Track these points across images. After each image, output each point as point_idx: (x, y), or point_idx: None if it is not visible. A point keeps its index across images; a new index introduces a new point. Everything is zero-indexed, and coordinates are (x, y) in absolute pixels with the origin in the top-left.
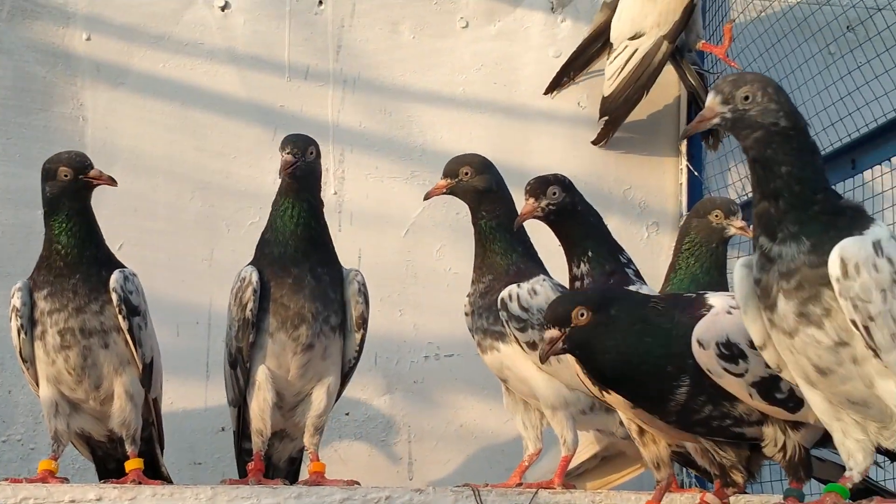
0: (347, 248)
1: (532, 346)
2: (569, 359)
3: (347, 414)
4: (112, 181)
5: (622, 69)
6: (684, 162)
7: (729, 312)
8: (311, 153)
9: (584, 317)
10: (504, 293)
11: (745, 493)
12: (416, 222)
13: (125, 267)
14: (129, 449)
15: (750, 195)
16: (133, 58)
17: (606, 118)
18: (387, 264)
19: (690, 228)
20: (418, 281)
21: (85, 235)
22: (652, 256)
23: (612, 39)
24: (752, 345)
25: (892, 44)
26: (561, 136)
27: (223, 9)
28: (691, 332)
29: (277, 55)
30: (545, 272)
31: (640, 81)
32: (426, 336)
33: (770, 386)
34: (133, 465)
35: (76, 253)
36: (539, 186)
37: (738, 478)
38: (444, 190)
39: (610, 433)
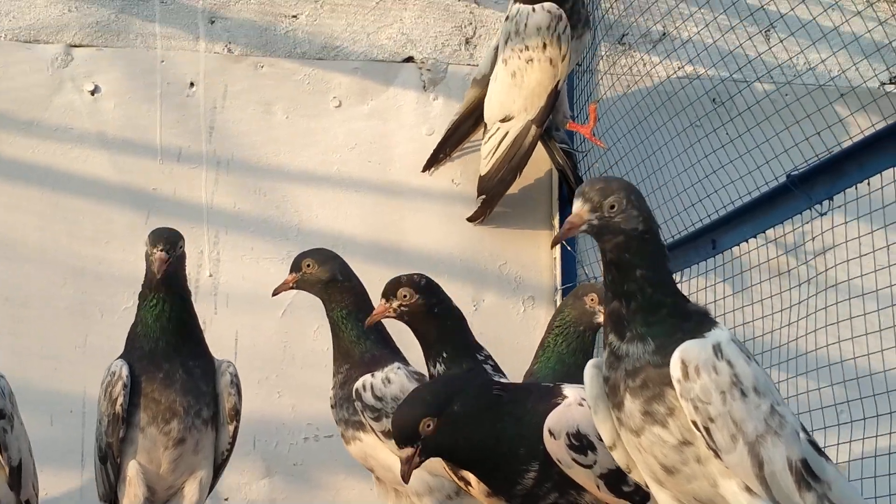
0: (223, 330)
1: (389, 434)
2: None
3: (227, 499)
4: None
5: (496, 149)
6: None
7: (580, 404)
8: (181, 247)
9: (431, 427)
10: (358, 384)
11: None
12: (293, 303)
13: None
14: None
15: None
16: (1, 144)
17: (484, 196)
18: (264, 346)
19: (565, 307)
20: (296, 362)
21: None
22: (528, 331)
23: (485, 119)
24: (600, 438)
25: (762, 118)
26: (436, 213)
27: (93, 93)
28: (544, 421)
29: (149, 138)
30: (401, 359)
31: (513, 163)
32: (305, 417)
33: (617, 478)
34: None
35: None
36: (391, 288)
37: None
38: (291, 285)
39: None
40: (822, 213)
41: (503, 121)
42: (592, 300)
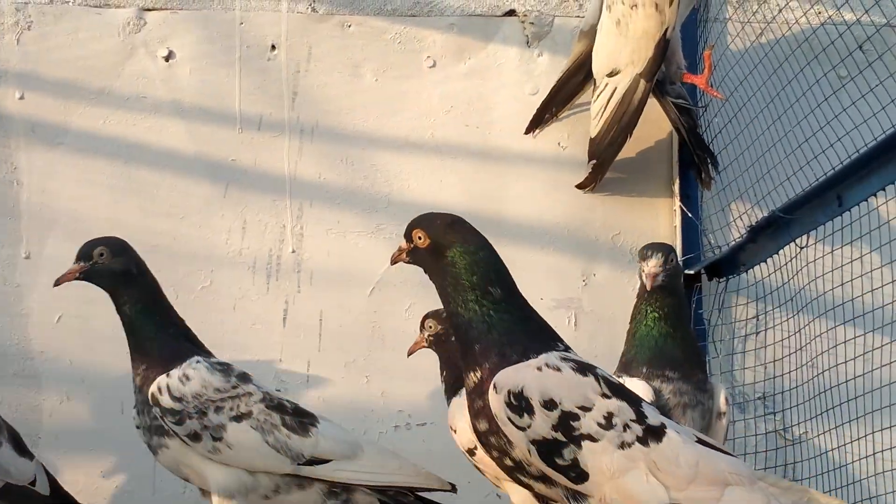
0: (308, 310)
1: (194, 437)
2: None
3: None
4: None
5: (605, 108)
6: (678, 203)
7: (539, 368)
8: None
9: (422, 239)
10: (153, 387)
11: None
12: (383, 280)
13: None
14: None
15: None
16: (71, 115)
17: (594, 161)
18: (351, 326)
19: None
20: (386, 344)
21: None
22: None
23: (593, 74)
24: (545, 405)
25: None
26: (541, 179)
27: (167, 59)
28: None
29: (227, 105)
30: (203, 352)
31: (623, 122)
32: (396, 404)
33: (551, 449)
34: None
35: None
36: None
37: None
38: (77, 275)
39: None
40: None
41: (610, 75)
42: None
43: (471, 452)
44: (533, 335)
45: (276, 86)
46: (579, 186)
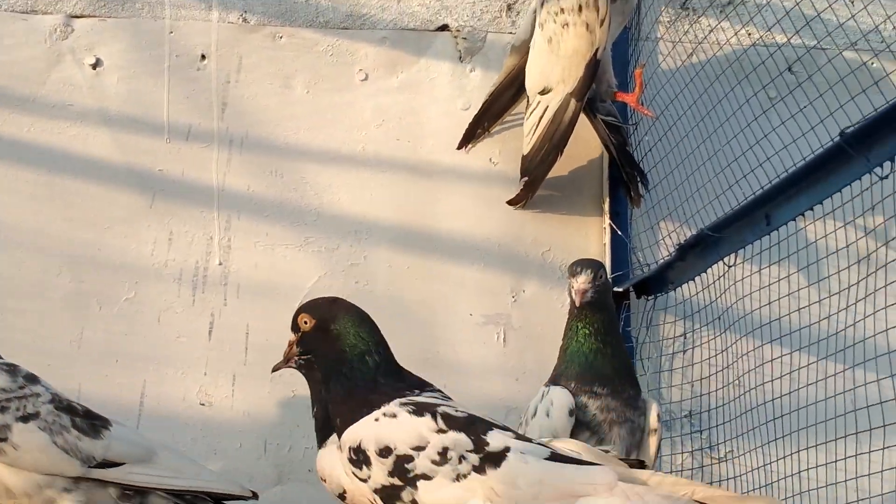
0: (234, 323)
1: None
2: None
3: None
4: None
5: (537, 126)
6: (608, 220)
7: (377, 419)
8: None
9: (308, 325)
10: None
11: None
12: (311, 293)
13: None
14: None
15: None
16: None
17: (526, 178)
18: (278, 340)
19: None
20: None
21: None
22: None
23: (526, 90)
24: (381, 453)
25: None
26: (473, 195)
27: (94, 66)
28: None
29: (155, 115)
30: None
31: (555, 140)
32: None
33: (390, 495)
34: None
35: None
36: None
37: None
38: None
39: None
40: (882, 176)
41: (542, 93)
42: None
43: (342, 497)
44: (393, 391)
45: (205, 96)
46: (510, 203)
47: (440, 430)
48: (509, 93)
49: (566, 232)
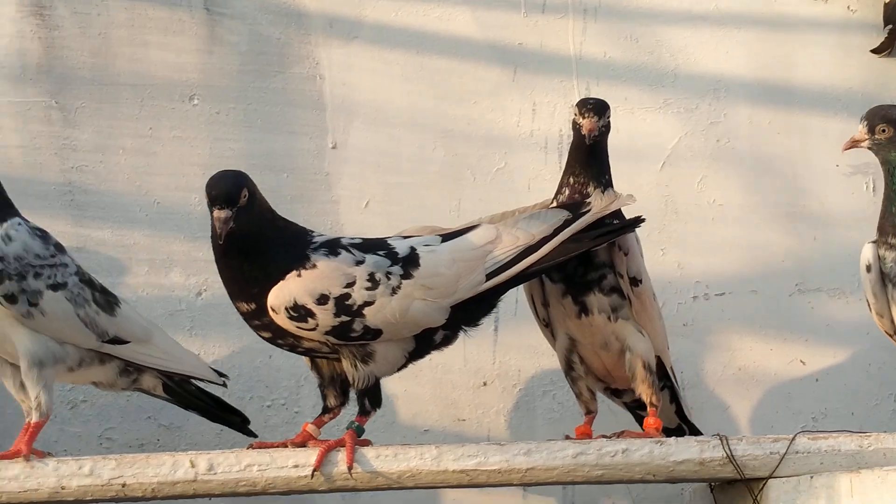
0: None
1: (10, 298)
2: (61, 310)
3: None
4: None
5: None
6: None
7: (299, 274)
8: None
9: (245, 199)
10: None
11: None
12: (673, 153)
13: None
14: None
15: None
16: (365, 9)
17: (891, 26)
18: (644, 201)
19: None
20: (679, 217)
21: None
22: None
23: None
24: (319, 301)
25: None
26: (830, 45)
27: None
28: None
29: None
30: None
31: None
32: (692, 275)
33: (343, 330)
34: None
35: None
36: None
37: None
38: None
39: (110, 385)
40: None
41: None
42: None
43: None
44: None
45: None
46: (875, 51)
47: (358, 262)
48: None
49: None
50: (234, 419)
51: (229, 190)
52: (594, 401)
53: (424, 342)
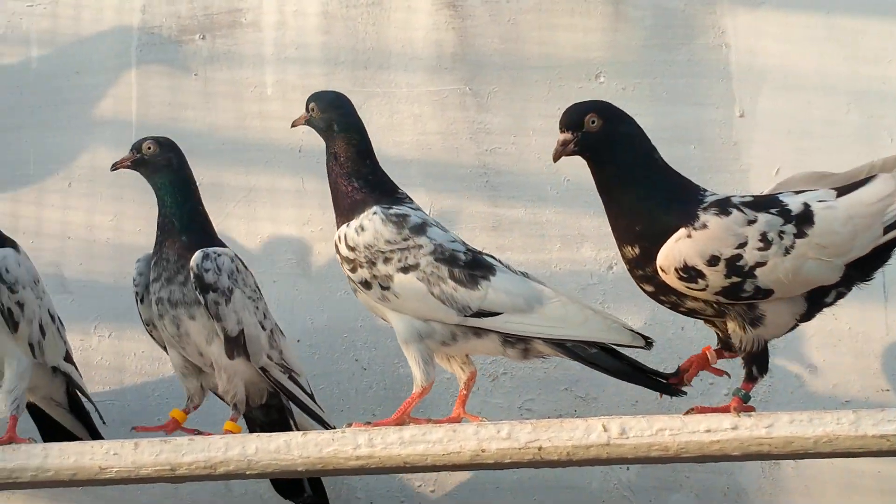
0: None
1: (366, 285)
2: (413, 291)
3: None
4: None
5: None
6: None
7: (689, 235)
8: None
9: (595, 125)
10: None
11: None
12: None
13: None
14: (231, 413)
15: None
16: None
17: None
18: None
19: None
20: None
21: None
22: None
23: None
24: (710, 263)
25: None
26: None
27: None
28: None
29: None
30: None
31: None
32: None
33: (732, 290)
34: (229, 427)
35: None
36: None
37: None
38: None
39: (503, 355)
40: None
41: None
42: None
43: None
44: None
45: None
46: None
47: (749, 222)
48: None
49: None
50: (658, 382)
51: (572, 114)
52: None
53: (815, 302)
